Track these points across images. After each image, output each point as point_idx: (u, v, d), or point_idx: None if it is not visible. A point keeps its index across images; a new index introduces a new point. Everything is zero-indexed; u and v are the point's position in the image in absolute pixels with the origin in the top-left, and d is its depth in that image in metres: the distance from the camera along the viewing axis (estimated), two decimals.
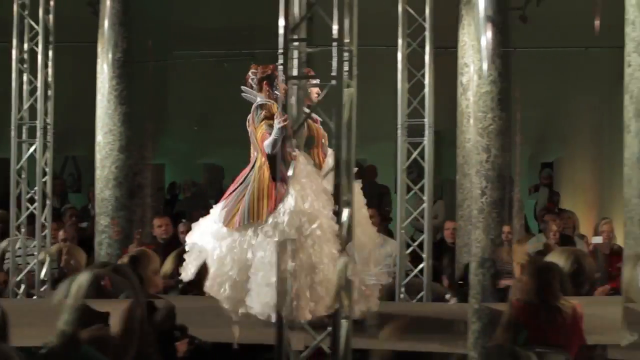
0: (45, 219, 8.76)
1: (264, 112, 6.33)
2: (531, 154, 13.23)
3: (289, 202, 6.05)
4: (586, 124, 13.07)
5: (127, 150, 9.88)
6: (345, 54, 4.64)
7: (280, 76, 6.02)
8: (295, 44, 4.75)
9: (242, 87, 6.56)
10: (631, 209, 8.01)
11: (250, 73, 6.55)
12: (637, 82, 7.81)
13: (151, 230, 9.53)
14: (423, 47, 8.10)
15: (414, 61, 8.18)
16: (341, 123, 4.48)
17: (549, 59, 12.67)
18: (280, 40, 4.64)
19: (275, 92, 6.47)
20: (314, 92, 6.27)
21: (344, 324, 4.48)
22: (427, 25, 7.98)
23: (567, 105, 12.97)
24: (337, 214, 4.45)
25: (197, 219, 6.63)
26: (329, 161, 6.26)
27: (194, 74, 13.56)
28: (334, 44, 4.49)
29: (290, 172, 6.09)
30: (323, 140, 6.47)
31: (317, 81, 5.95)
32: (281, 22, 4.63)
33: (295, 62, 4.77)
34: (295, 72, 4.79)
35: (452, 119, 9.72)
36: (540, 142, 13.44)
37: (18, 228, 8.83)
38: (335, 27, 4.52)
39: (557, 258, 5.55)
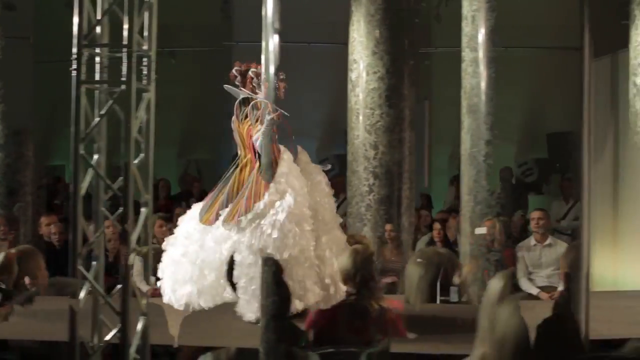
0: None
1: (247, 108, 6.36)
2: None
3: (288, 199, 6.07)
4: None
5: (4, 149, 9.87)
6: (144, 59, 4.63)
7: (263, 74, 6.22)
8: (99, 49, 4.73)
9: (225, 86, 6.57)
10: (464, 206, 8.09)
11: (234, 70, 6.57)
12: (468, 78, 7.86)
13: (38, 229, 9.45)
14: None
15: None
16: (130, 127, 4.46)
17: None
18: (75, 43, 4.59)
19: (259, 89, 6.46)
20: (281, 87, 6.31)
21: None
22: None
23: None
24: (124, 215, 4.47)
25: None
26: (285, 157, 6.29)
27: None
28: (125, 48, 4.48)
29: (284, 169, 6.18)
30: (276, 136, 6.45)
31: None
32: (75, 26, 4.58)
33: (97, 66, 4.73)
34: (96, 76, 4.76)
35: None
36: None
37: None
38: (125, 32, 4.51)
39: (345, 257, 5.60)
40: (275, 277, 4.35)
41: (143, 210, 4.61)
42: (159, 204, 10.96)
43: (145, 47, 4.60)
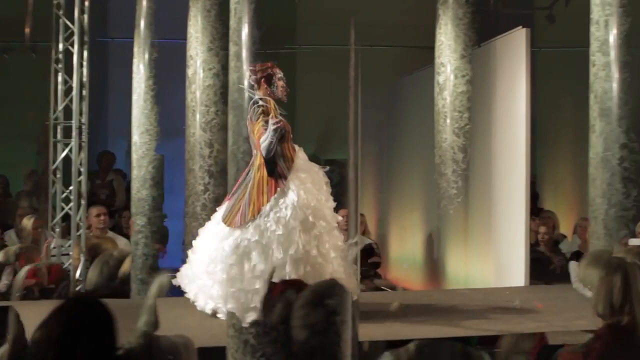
0: (80, 219, 8.54)
1: (261, 108, 6.50)
2: None
3: (291, 196, 6.26)
4: None
5: None
6: None
7: (279, 74, 6.53)
8: None
9: (240, 85, 6.53)
10: (595, 209, 8.00)
11: (248, 71, 6.56)
12: (600, 82, 7.86)
13: None
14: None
15: None
16: None
17: None
18: None
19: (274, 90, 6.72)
20: (280, 85, 6.63)
21: None
22: (75, 27, 7.87)
23: None
24: None
25: None
26: (300, 155, 6.55)
27: None
28: None
29: (301, 163, 6.44)
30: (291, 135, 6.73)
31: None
32: None
33: None
34: None
35: None
36: None
37: (53, 228, 8.86)
38: None
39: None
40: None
41: None
42: None
43: None
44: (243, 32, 5.39)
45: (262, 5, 5.52)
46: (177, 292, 9.39)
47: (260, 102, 6.59)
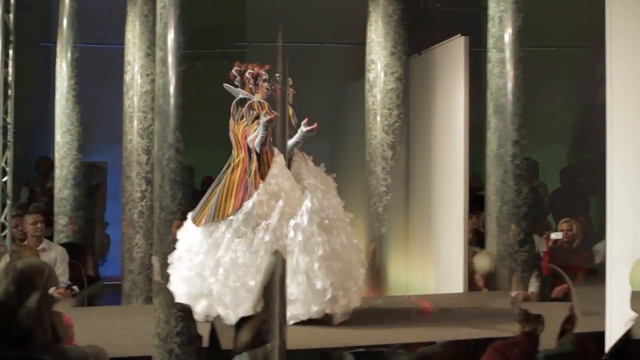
0: (5, 219, 8.41)
1: (255, 112, 6.54)
2: None
3: (306, 203, 6.34)
4: None
5: None
6: None
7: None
8: None
9: (224, 85, 6.73)
10: (490, 206, 7.97)
11: (233, 70, 6.71)
12: (495, 78, 7.84)
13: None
14: None
15: None
16: None
17: None
18: None
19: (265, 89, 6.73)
20: (264, 87, 6.66)
21: None
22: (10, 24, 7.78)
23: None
24: None
25: None
26: (277, 160, 6.54)
27: None
28: None
29: (275, 171, 6.44)
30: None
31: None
32: None
33: None
34: None
35: None
36: None
37: None
38: None
39: None
40: None
41: None
42: None
43: None
44: (169, 37, 5.31)
45: (188, 10, 5.46)
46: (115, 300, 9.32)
47: (245, 99, 6.66)
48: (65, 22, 9.20)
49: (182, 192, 5.28)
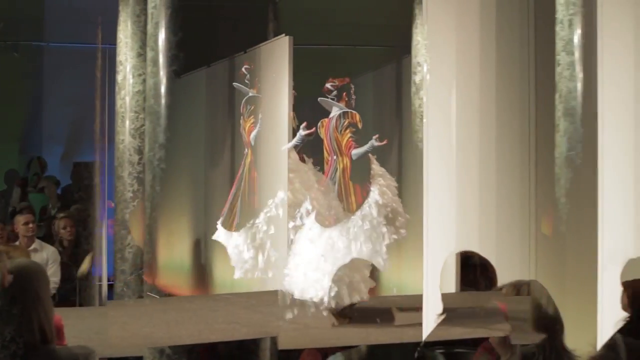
0: None
1: (253, 107, 6.64)
2: None
3: (373, 196, 6.39)
4: None
5: None
6: None
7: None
8: None
9: (234, 83, 6.77)
10: (560, 209, 7.93)
11: (243, 69, 6.73)
12: (565, 81, 7.81)
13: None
14: None
15: None
16: None
17: None
18: None
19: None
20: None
21: None
22: None
23: None
24: None
25: None
26: (292, 155, 6.48)
27: None
28: None
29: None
30: None
31: None
32: None
33: None
34: None
35: None
36: None
37: None
38: None
39: None
40: None
41: None
42: None
43: None
44: (160, 37, 5.31)
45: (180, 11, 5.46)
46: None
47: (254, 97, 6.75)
48: None
49: None
